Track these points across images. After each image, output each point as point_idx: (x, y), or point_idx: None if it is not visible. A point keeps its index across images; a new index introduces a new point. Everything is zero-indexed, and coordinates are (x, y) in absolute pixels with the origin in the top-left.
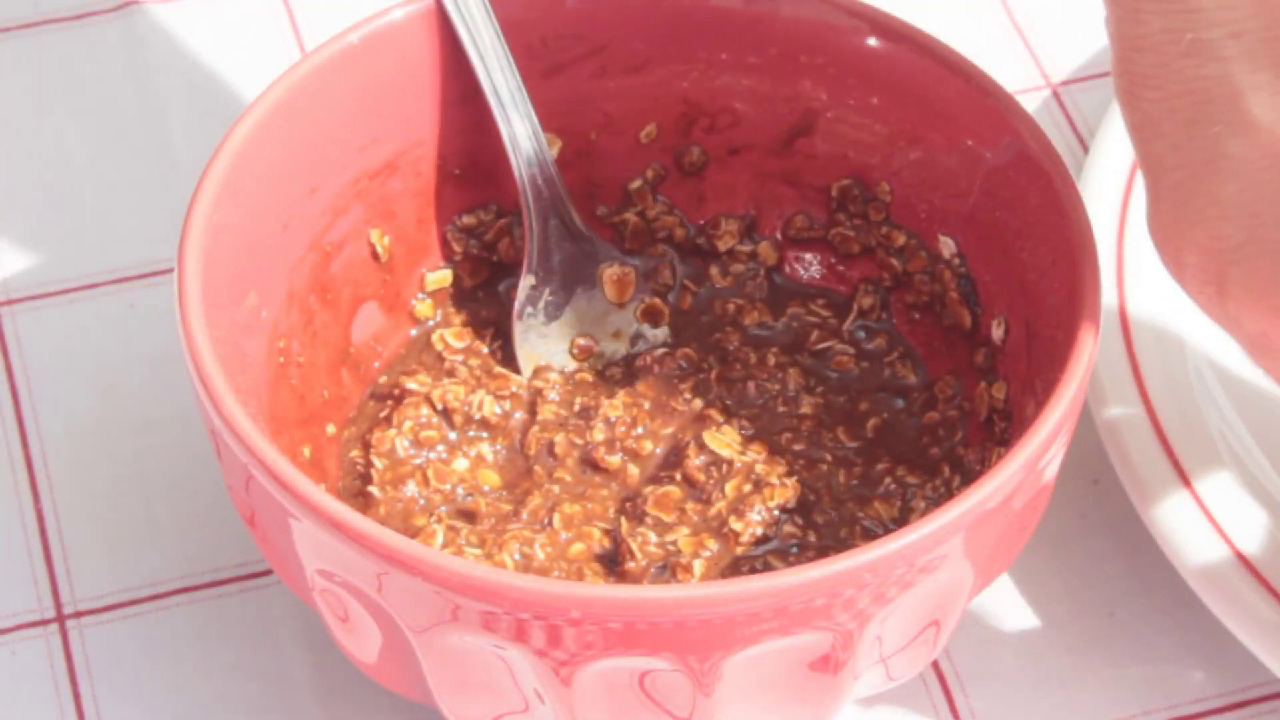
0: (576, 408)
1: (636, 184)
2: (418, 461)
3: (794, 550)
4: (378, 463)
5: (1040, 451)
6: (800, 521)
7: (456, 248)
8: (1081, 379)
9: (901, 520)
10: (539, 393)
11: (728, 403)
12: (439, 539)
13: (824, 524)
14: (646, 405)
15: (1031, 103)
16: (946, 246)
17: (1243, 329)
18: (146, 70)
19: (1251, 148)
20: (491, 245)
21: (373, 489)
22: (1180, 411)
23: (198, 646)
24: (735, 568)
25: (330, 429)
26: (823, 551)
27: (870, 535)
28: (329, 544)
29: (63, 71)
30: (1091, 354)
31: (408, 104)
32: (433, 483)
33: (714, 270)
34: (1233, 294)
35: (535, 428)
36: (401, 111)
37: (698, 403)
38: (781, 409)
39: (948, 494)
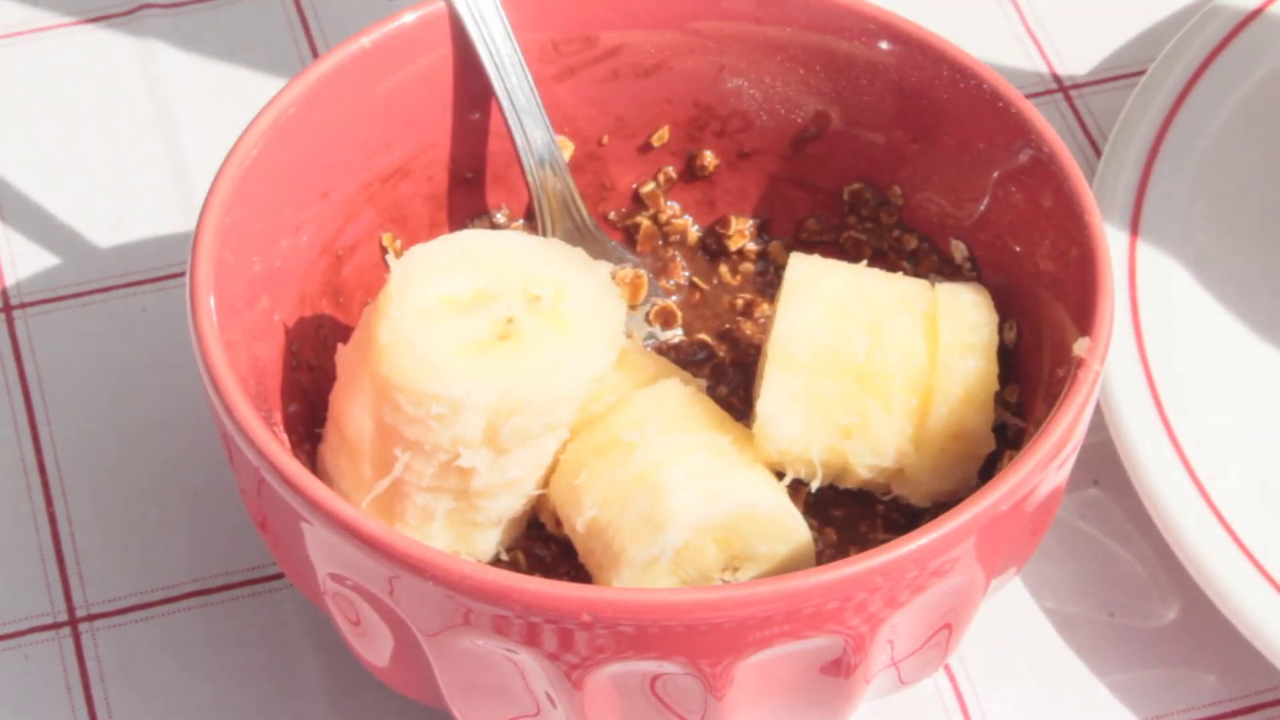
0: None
1: (648, 187)
2: None
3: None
4: None
5: (1051, 455)
6: (818, 519)
7: None
8: (1093, 383)
9: (920, 513)
10: None
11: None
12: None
13: (843, 518)
14: None
15: (1044, 106)
16: (958, 250)
17: None
18: (158, 74)
19: None
20: None
21: None
22: (1192, 414)
23: (210, 649)
24: None
25: None
26: (841, 548)
27: (891, 527)
28: (341, 548)
29: (75, 75)
30: (1103, 358)
31: (420, 108)
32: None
33: (724, 269)
34: None
35: None
36: (414, 115)
37: (722, 389)
38: None
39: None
